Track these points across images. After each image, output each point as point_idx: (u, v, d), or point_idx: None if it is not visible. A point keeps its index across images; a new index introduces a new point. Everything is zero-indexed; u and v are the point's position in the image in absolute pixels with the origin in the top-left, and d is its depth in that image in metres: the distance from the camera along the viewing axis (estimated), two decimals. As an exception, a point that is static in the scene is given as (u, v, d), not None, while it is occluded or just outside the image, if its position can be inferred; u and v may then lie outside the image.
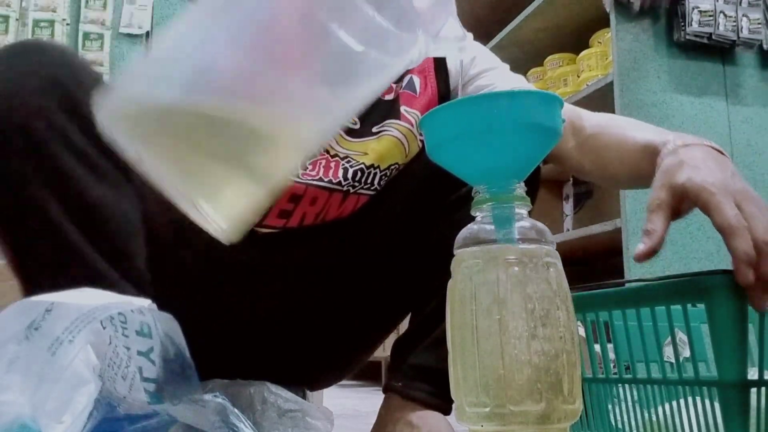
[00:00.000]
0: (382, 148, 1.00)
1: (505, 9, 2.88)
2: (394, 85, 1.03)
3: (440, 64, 1.07)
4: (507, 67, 1.11)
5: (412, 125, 1.03)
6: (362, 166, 0.99)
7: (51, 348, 0.41)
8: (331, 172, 0.97)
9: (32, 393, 0.39)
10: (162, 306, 0.57)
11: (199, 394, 0.45)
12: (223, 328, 0.98)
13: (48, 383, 0.40)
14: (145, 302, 0.48)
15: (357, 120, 0.99)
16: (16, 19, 3.41)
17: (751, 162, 2.06)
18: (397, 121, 1.01)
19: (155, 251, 0.83)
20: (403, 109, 1.02)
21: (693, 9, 2.00)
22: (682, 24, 2.01)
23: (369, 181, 1.00)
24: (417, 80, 1.05)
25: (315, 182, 0.95)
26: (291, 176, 0.92)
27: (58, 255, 0.74)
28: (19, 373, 0.40)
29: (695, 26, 2.00)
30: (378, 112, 1.01)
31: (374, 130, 1.01)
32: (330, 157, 0.97)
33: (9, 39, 3.35)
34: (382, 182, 1.01)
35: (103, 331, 0.43)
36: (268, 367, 0.96)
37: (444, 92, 1.06)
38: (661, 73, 2.02)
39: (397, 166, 1.02)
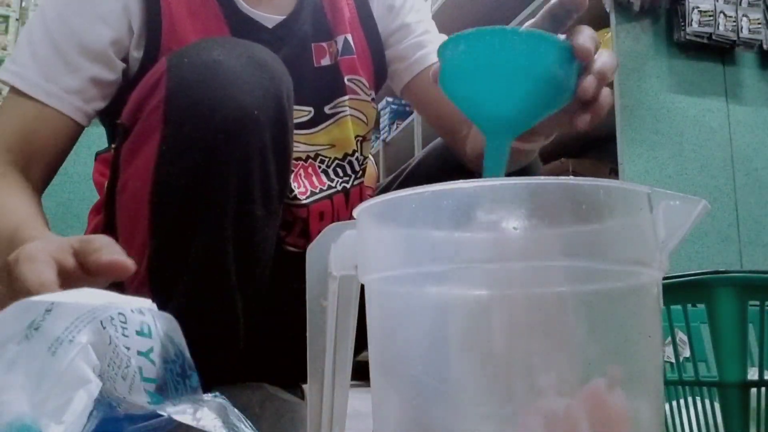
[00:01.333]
0: (344, 132, 0.97)
1: (505, 9, 2.88)
2: (326, 46, 0.97)
3: (364, 12, 1.02)
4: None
5: (358, 94, 0.99)
6: (337, 160, 0.97)
7: (51, 348, 0.41)
8: (314, 179, 0.94)
9: (32, 393, 0.39)
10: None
11: (199, 395, 0.45)
12: (225, 331, 0.97)
13: (48, 383, 0.40)
14: (145, 302, 0.48)
15: (310, 109, 0.95)
16: (16, 19, 3.41)
17: (751, 162, 2.06)
18: (346, 98, 0.98)
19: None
20: (346, 79, 0.98)
21: (693, 9, 2.00)
22: (682, 24, 2.01)
23: (355, 170, 0.98)
24: (351, 38, 1.00)
25: (310, 199, 0.93)
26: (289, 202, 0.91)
27: (206, 266, 0.73)
28: (19, 373, 0.40)
29: (695, 26, 2.00)
30: (322, 85, 0.96)
31: (328, 111, 0.97)
32: (304, 163, 0.94)
33: (9, 39, 3.35)
34: (362, 163, 1.00)
35: (103, 331, 0.43)
36: (267, 369, 0.95)
37: (375, 46, 1.02)
38: (661, 73, 2.02)
39: (361, 138, 1.00)
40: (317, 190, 0.94)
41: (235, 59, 0.73)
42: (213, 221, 0.72)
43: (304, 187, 0.93)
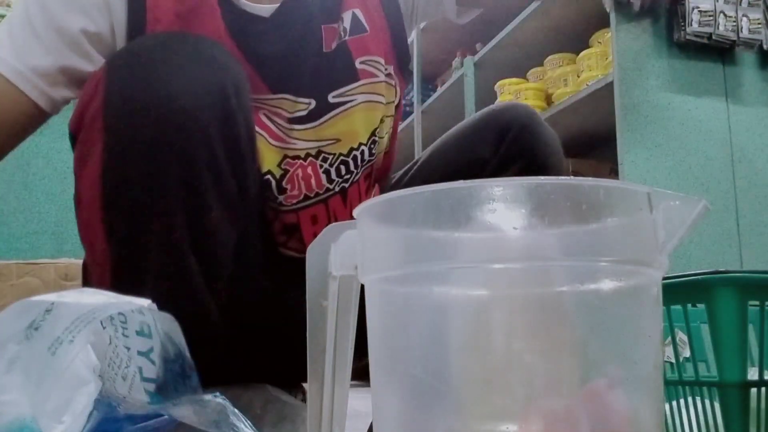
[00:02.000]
0: (354, 123, 0.90)
1: (505, 9, 2.88)
2: (337, 27, 0.90)
3: None
4: None
5: (375, 76, 0.91)
6: (341, 158, 0.91)
7: (51, 348, 0.41)
8: (313, 181, 0.89)
9: (32, 393, 0.39)
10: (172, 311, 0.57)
11: (199, 395, 0.45)
12: (229, 335, 0.97)
13: (48, 383, 0.40)
14: (145, 302, 0.48)
15: (309, 101, 0.88)
16: (16, 20, 3.40)
17: (751, 162, 2.06)
18: (358, 84, 0.90)
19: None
20: (358, 62, 0.90)
21: (693, 9, 2.00)
22: (682, 24, 2.01)
23: (358, 164, 0.92)
24: (360, 14, 0.92)
25: (302, 204, 0.89)
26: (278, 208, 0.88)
27: (167, 269, 0.73)
28: (19, 373, 0.40)
29: (695, 26, 2.00)
30: (324, 73, 0.89)
31: (332, 100, 0.89)
32: (303, 161, 0.89)
33: (9, 39, 3.34)
34: (374, 149, 0.94)
35: (103, 331, 0.43)
36: (268, 370, 0.95)
37: (394, 20, 0.95)
38: (661, 73, 2.02)
39: (382, 119, 0.94)
40: (312, 194, 0.90)
41: (174, 56, 0.71)
42: (167, 226, 0.71)
43: (297, 189, 0.89)
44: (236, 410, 0.43)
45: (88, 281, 0.82)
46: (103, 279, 0.74)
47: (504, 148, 0.89)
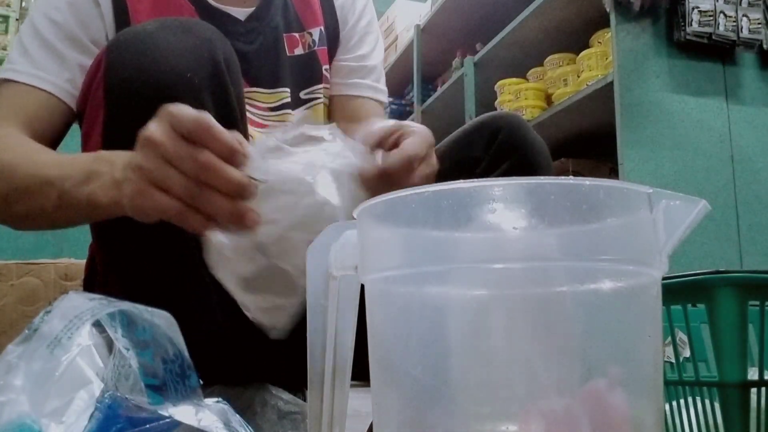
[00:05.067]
0: (318, 118, 1.03)
1: (505, 9, 2.88)
2: (297, 36, 1.04)
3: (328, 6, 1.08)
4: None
5: (329, 83, 1.06)
6: None
7: (51, 348, 0.41)
8: None
9: (32, 393, 0.39)
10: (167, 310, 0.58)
11: (199, 395, 0.45)
12: (225, 331, 0.97)
13: (48, 383, 0.40)
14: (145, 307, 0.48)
15: (284, 90, 1.00)
16: (16, 19, 3.41)
17: (751, 162, 2.06)
18: (321, 86, 1.04)
19: (169, 250, 0.83)
20: (324, 69, 1.05)
21: (693, 9, 2.00)
22: (682, 24, 2.01)
23: None
24: (324, 31, 1.07)
25: None
26: None
27: (161, 246, 0.76)
28: (19, 373, 0.40)
29: (695, 26, 2.00)
30: (297, 72, 1.02)
31: (303, 97, 1.03)
32: None
33: (9, 39, 3.35)
34: None
35: (103, 331, 0.43)
36: (268, 369, 0.95)
37: (332, 37, 1.08)
38: (661, 73, 2.02)
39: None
40: None
41: (167, 29, 0.77)
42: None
43: None
44: (238, 415, 0.43)
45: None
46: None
47: (495, 148, 0.94)
